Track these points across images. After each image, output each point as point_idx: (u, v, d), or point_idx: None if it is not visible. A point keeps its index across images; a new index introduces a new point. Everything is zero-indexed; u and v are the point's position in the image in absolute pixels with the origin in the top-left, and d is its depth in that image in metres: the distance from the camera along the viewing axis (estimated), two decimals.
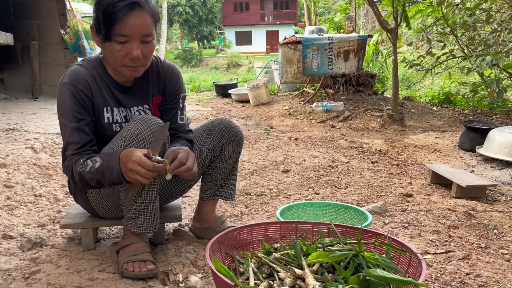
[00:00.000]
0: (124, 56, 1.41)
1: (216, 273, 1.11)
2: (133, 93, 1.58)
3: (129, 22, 1.36)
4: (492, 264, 1.62)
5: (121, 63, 1.43)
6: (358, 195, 2.46)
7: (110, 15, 1.35)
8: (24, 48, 5.57)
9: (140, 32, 1.39)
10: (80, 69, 1.49)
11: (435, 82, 9.51)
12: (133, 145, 1.39)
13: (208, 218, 1.83)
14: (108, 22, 1.36)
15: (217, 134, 1.68)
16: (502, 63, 5.23)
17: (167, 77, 1.63)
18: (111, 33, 1.37)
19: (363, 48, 5.75)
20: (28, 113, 4.33)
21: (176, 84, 1.65)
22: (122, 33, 1.37)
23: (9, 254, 1.62)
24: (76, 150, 1.44)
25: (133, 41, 1.39)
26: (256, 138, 4.18)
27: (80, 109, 1.45)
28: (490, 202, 2.39)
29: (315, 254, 1.20)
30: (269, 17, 36.87)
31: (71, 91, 1.44)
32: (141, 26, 1.38)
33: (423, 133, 4.54)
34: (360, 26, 13.05)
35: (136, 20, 1.36)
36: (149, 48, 1.44)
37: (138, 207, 1.48)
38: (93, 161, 1.40)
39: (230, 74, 17.99)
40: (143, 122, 1.41)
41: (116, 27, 1.36)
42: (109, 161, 1.37)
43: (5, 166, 2.46)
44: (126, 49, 1.39)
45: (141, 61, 1.44)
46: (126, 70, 1.46)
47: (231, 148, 1.70)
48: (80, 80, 1.45)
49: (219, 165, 1.72)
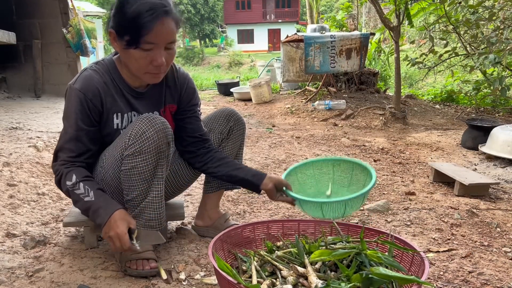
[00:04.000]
0: (148, 64, 1.39)
1: (219, 271, 1.11)
2: (146, 98, 1.57)
3: (158, 31, 1.34)
4: (495, 262, 1.62)
5: (144, 70, 1.41)
6: None
7: (140, 24, 1.32)
8: (27, 47, 5.58)
9: (167, 40, 1.38)
10: (93, 75, 1.46)
11: (438, 80, 9.49)
12: (137, 144, 1.39)
13: (211, 214, 1.83)
14: (137, 30, 1.33)
15: (223, 119, 1.74)
16: (505, 61, 5.21)
17: (183, 88, 1.64)
18: (139, 41, 1.35)
19: (365, 46, 5.73)
20: (30, 112, 4.34)
21: (192, 96, 1.67)
22: (151, 41, 1.35)
23: (12, 252, 1.63)
24: (69, 158, 1.45)
25: (159, 48, 1.37)
26: (258, 137, 4.18)
27: (84, 117, 1.44)
28: (493, 200, 2.38)
29: (317, 252, 1.20)
30: (271, 16, 36.82)
31: (79, 98, 1.42)
32: (168, 34, 1.37)
33: (426, 131, 4.53)
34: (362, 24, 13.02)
35: (164, 28, 1.35)
36: (172, 54, 1.43)
37: (143, 206, 1.47)
38: (86, 190, 1.40)
39: (232, 73, 17.98)
40: (147, 121, 1.40)
41: (145, 35, 1.33)
42: (99, 208, 1.38)
43: (8, 164, 2.47)
44: (151, 56, 1.37)
45: (163, 68, 1.42)
46: (148, 77, 1.44)
47: (236, 131, 1.75)
48: (91, 89, 1.43)
49: (226, 148, 1.75)
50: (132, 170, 1.42)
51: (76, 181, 1.41)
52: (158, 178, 1.47)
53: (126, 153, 1.42)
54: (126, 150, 1.42)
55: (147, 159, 1.41)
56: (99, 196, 1.40)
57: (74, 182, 1.41)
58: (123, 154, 1.43)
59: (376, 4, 4.95)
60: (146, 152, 1.40)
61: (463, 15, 5.26)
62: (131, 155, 1.41)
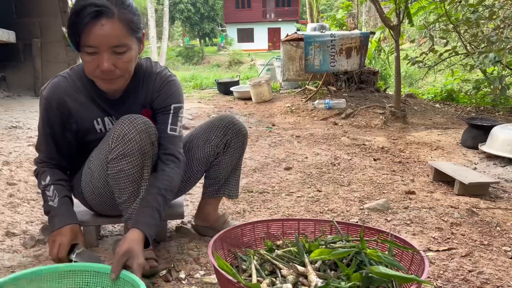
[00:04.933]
0: (95, 68, 1.31)
1: (218, 270, 1.11)
2: (121, 104, 1.50)
3: (94, 32, 1.24)
4: (494, 261, 1.62)
5: (93, 75, 1.34)
6: (360, 192, 2.46)
7: (74, 25, 1.25)
8: (26, 46, 5.58)
9: (109, 43, 1.26)
10: (61, 83, 1.44)
11: (438, 79, 9.49)
12: (120, 146, 1.37)
13: (210, 216, 1.81)
14: (74, 31, 1.26)
15: (221, 130, 1.65)
16: (505, 60, 5.21)
17: (158, 89, 1.51)
18: (79, 44, 1.28)
19: (365, 45, 5.73)
20: (30, 111, 4.34)
21: (166, 94, 1.51)
22: (89, 44, 1.26)
23: (12, 251, 1.63)
24: (44, 159, 1.52)
25: (102, 52, 1.28)
26: (258, 136, 4.18)
27: (49, 124, 1.47)
28: (493, 199, 2.38)
29: (317, 251, 1.20)
30: (271, 14, 36.79)
31: (45, 105, 1.44)
32: (108, 36, 1.25)
33: (426, 131, 4.53)
34: (362, 23, 13.01)
35: (103, 29, 1.24)
36: (123, 59, 1.31)
37: (134, 207, 1.46)
38: (54, 195, 1.46)
39: (232, 72, 17.97)
40: (128, 122, 1.38)
41: (82, 38, 1.26)
42: (56, 215, 1.44)
43: (7, 163, 2.46)
44: (96, 60, 1.29)
45: (116, 73, 1.32)
46: (100, 83, 1.37)
47: (234, 145, 1.68)
48: (56, 97, 1.42)
49: (222, 162, 1.70)
50: (119, 174, 1.41)
51: (48, 183, 1.47)
52: (145, 179, 1.45)
53: (110, 157, 1.40)
54: (110, 154, 1.40)
55: (132, 161, 1.39)
56: (62, 205, 1.45)
57: (47, 183, 1.47)
58: (108, 158, 1.41)
59: (376, 3, 4.94)
60: (130, 155, 1.38)
61: (463, 14, 5.25)
62: (115, 159, 1.39)
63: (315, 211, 2.16)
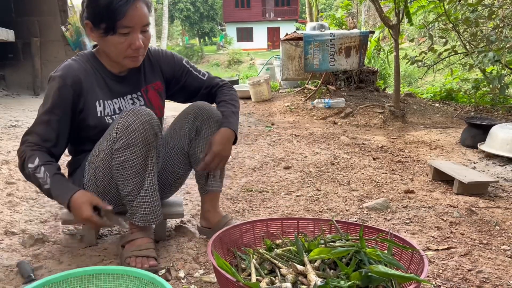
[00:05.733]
0: (127, 48, 1.45)
1: (218, 269, 1.11)
2: (127, 81, 1.62)
3: (132, 14, 1.41)
4: (494, 260, 1.62)
5: (124, 55, 1.47)
6: (360, 191, 2.46)
7: (115, 10, 1.38)
8: (25, 44, 5.57)
9: (142, 22, 1.44)
10: (73, 63, 1.51)
11: (437, 79, 9.50)
12: (124, 136, 1.42)
13: (210, 216, 1.76)
14: (112, 16, 1.39)
15: (192, 116, 1.65)
16: (504, 59, 5.21)
17: (161, 61, 1.69)
18: (116, 26, 1.41)
19: (364, 45, 5.73)
20: (29, 110, 4.34)
21: (173, 60, 1.71)
22: (127, 25, 1.41)
23: (11, 250, 1.63)
24: (36, 141, 1.45)
25: (135, 31, 1.44)
26: (257, 135, 4.18)
27: (60, 103, 1.46)
28: (492, 198, 2.38)
29: (317, 250, 1.20)
30: (270, 14, 36.78)
31: (58, 84, 1.45)
32: (142, 16, 1.44)
33: (425, 130, 4.53)
34: (362, 23, 13.01)
35: (138, 11, 1.42)
36: (148, 37, 1.50)
37: (138, 200, 1.49)
38: (45, 176, 1.41)
39: (231, 71, 17.98)
40: (132, 113, 1.43)
41: (121, 21, 1.40)
42: (58, 196, 1.42)
43: (7, 162, 2.46)
44: (129, 40, 1.44)
45: (141, 51, 1.49)
46: (128, 61, 1.51)
47: (206, 130, 1.65)
48: (71, 75, 1.47)
49: (197, 149, 1.66)
50: (123, 164, 1.44)
51: (38, 164, 1.42)
52: (149, 170, 1.48)
53: (115, 147, 1.44)
54: (114, 144, 1.44)
55: (136, 151, 1.43)
56: (55, 183, 1.42)
57: (36, 165, 1.41)
58: (112, 149, 1.45)
59: (376, 2, 4.94)
60: (134, 145, 1.42)
61: (463, 13, 5.25)
62: (119, 149, 1.43)
63: (315, 210, 2.16)
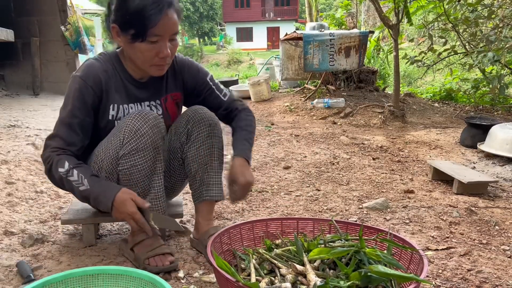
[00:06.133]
0: (154, 56, 1.41)
1: (217, 269, 1.11)
2: (147, 88, 1.58)
3: (164, 23, 1.36)
4: (493, 260, 1.62)
5: (150, 63, 1.43)
6: (359, 191, 2.46)
7: (147, 17, 1.34)
8: (25, 44, 5.57)
9: (172, 31, 1.41)
10: (95, 63, 1.48)
11: (437, 79, 9.49)
12: (133, 141, 1.39)
13: (199, 227, 1.64)
14: (143, 23, 1.35)
15: (184, 119, 1.61)
16: (504, 59, 5.22)
17: (185, 73, 1.65)
18: (145, 34, 1.36)
19: (364, 44, 5.73)
20: (29, 110, 4.33)
21: (197, 74, 1.67)
22: (157, 34, 1.37)
23: (10, 250, 1.63)
24: (61, 145, 1.43)
25: (164, 40, 1.40)
26: (257, 135, 4.18)
27: (81, 106, 1.44)
28: (492, 198, 2.38)
29: (316, 250, 1.20)
30: (270, 14, 36.78)
31: (79, 85, 1.43)
32: (173, 25, 1.40)
33: (425, 130, 4.53)
34: (362, 22, 13.01)
35: (169, 20, 1.38)
36: (175, 45, 1.46)
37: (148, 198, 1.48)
38: (80, 178, 1.39)
39: (231, 71, 17.98)
40: (139, 117, 1.40)
41: (152, 29, 1.36)
42: (98, 195, 1.38)
43: (6, 162, 2.46)
44: (157, 48, 1.40)
45: (168, 59, 1.45)
46: (154, 69, 1.47)
47: (197, 134, 1.57)
48: (92, 75, 1.45)
49: (189, 153, 1.59)
50: (131, 169, 1.42)
51: (69, 168, 1.39)
52: (157, 173, 1.48)
53: (122, 153, 1.40)
54: (121, 149, 1.40)
55: (145, 155, 1.41)
56: (95, 183, 1.39)
57: (67, 169, 1.39)
58: (119, 154, 1.41)
59: (375, 2, 4.94)
60: (143, 149, 1.40)
61: (462, 13, 5.25)
62: (128, 154, 1.40)
63: (314, 210, 2.16)
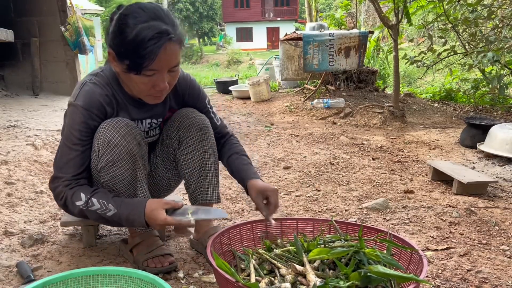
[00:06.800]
0: (150, 88, 1.34)
1: (217, 269, 1.11)
2: (148, 108, 1.52)
3: (161, 58, 1.27)
4: (493, 260, 1.62)
5: (146, 94, 1.37)
6: (359, 191, 2.46)
7: (142, 53, 1.25)
8: (25, 45, 5.56)
9: (170, 65, 1.32)
10: (94, 89, 1.40)
11: (436, 79, 9.49)
12: (107, 153, 1.36)
13: (199, 228, 1.65)
14: (138, 58, 1.26)
15: (175, 124, 1.57)
16: (504, 59, 5.22)
17: (186, 92, 1.60)
18: (141, 69, 1.28)
19: (364, 45, 5.73)
20: (28, 110, 4.33)
21: (197, 97, 1.64)
22: (154, 68, 1.29)
23: (10, 251, 1.63)
24: (72, 177, 1.39)
25: (161, 73, 1.31)
26: (257, 135, 4.18)
27: (88, 134, 1.39)
28: (491, 198, 2.38)
29: (316, 250, 1.20)
30: (270, 14, 36.78)
31: (83, 115, 1.37)
32: (172, 59, 1.31)
33: (424, 130, 4.53)
34: (361, 23, 13.01)
35: (168, 54, 1.28)
36: (175, 76, 1.38)
37: None
38: (103, 205, 1.35)
39: (230, 71, 17.97)
40: (110, 127, 1.36)
41: (148, 65, 1.27)
42: (129, 215, 1.34)
43: (6, 163, 2.46)
44: (153, 81, 1.32)
45: (166, 91, 1.38)
46: (150, 99, 1.40)
47: (189, 139, 1.56)
48: (95, 104, 1.39)
49: (182, 158, 1.59)
50: (112, 180, 1.40)
51: (87, 199, 1.36)
52: (140, 180, 1.44)
53: (100, 166, 1.38)
54: (99, 162, 1.38)
55: (123, 165, 1.38)
56: (120, 204, 1.36)
57: (85, 201, 1.36)
58: (98, 167, 1.39)
59: (375, 2, 4.94)
60: (119, 160, 1.37)
61: (462, 14, 5.26)
62: (105, 167, 1.38)
63: (314, 210, 2.16)
